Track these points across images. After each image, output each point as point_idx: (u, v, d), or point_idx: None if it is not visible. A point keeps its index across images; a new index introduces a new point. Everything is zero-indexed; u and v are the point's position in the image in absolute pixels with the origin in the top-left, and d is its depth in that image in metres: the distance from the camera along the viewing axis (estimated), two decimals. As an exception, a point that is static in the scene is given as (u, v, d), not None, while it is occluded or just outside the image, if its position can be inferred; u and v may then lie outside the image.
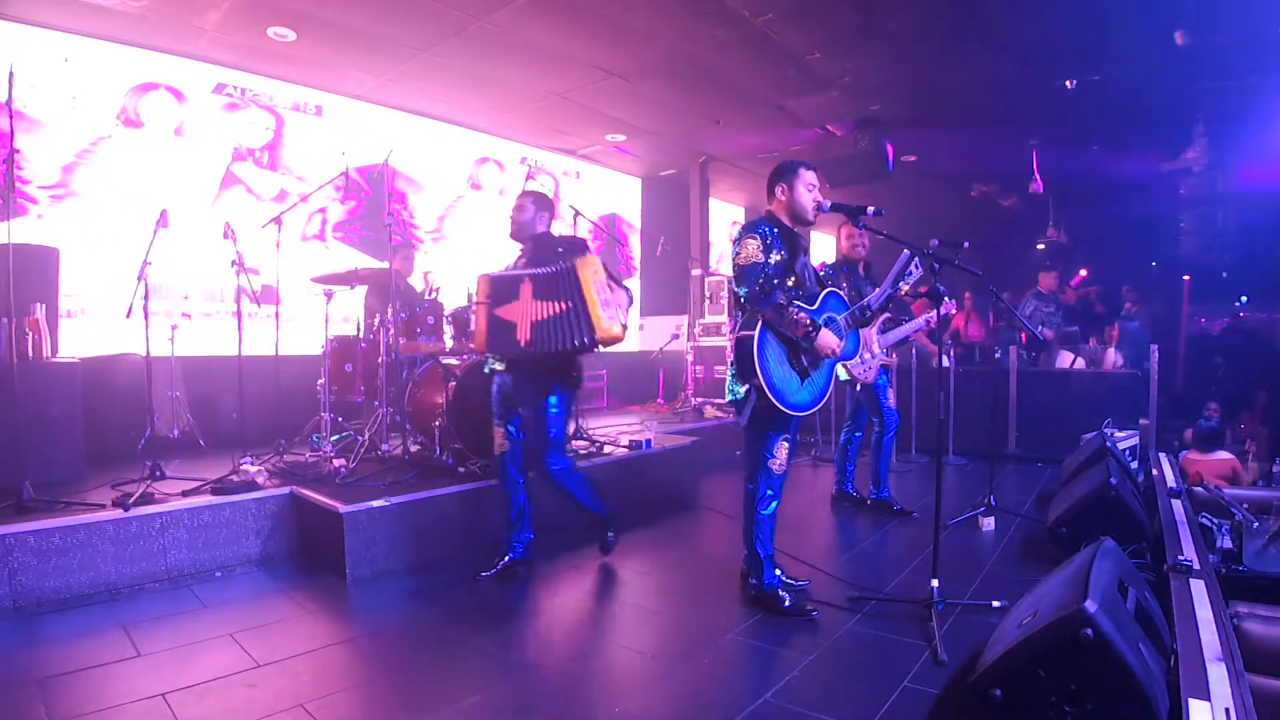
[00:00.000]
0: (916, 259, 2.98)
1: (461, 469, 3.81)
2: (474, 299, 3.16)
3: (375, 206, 6.28)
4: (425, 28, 4.92)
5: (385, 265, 4.44)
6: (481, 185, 7.49)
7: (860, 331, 3.02)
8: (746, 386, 2.63)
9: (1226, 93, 5.92)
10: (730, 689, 2.19)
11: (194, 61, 5.33)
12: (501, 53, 5.34)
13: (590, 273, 2.93)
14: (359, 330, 4.69)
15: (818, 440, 6.37)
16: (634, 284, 9.19)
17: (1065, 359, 6.90)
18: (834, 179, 6.95)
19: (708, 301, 7.50)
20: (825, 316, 2.75)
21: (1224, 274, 9.72)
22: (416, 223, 6.94)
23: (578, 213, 5.10)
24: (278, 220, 4.22)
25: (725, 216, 10.59)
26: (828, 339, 2.62)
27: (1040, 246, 9.50)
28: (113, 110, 4.99)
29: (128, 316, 3.51)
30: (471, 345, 3.69)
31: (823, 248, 11.17)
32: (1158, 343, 5.96)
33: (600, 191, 8.72)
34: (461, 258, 7.00)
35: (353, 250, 6.32)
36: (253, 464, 3.65)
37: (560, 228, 3.72)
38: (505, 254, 3.45)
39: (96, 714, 1.96)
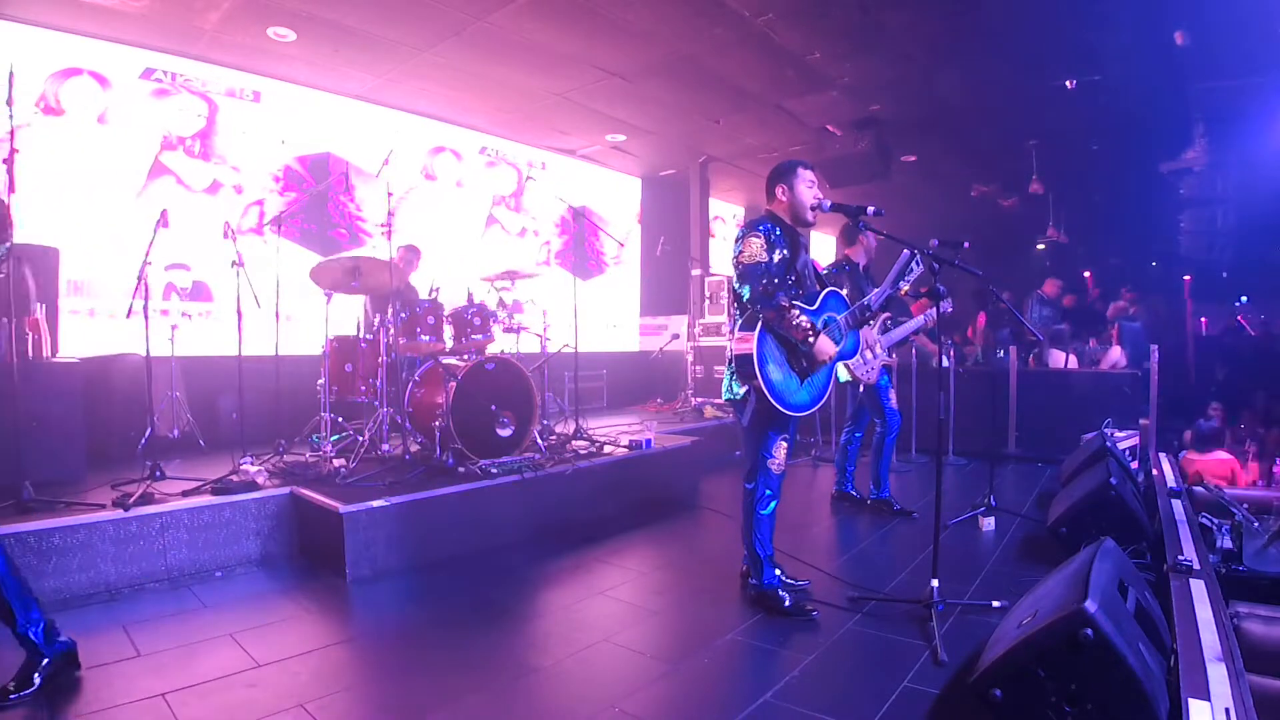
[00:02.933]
0: (916, 258, 2.98)
1: (461, 469, 3.81)
2: None
3: (318, 199, 5.99)
4: (425, 28, 4.92)
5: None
6: (436, 176, 6.98)
7: (861, 332, 3.02)
8: (746, 388, 2.63)
9: (1226, 93, 5.93)
10: (730, 689, 2.19)
11: (120, 45, 5.01)
12: (501, 53, 5.34)
13: None
14: (359, 330, 4.69)
15: (818, 440, 6.37)
16: (625, 282, 9.20)
17: (1058, 358, 6.90)
18: (834, 179, 6.96)
19: (708, 301, 7.50)
20: (825, 316, 2.75)
21: (1224, 274, 9.74)
22: (365, 216, 6.36)
23: (576, 212, 5.11)
24: (276, 221, 4.23)
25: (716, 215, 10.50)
26: (825, 346, 2.63)
27: (1040, 246, 9.50)
28: (31, 97, 4.64)
29: (128, 317, 3.52)
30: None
31: (822, 248, 11.16)
32: (1158, 342, 5.96)
33: (570, 184, 8.17)
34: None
35: (293, 245, 5.86)
36: (253, 464, 3.66)
37: (544, 224, 3.56)
38: (465, 250, 3.21)
39: (96, 714, 1.96)
